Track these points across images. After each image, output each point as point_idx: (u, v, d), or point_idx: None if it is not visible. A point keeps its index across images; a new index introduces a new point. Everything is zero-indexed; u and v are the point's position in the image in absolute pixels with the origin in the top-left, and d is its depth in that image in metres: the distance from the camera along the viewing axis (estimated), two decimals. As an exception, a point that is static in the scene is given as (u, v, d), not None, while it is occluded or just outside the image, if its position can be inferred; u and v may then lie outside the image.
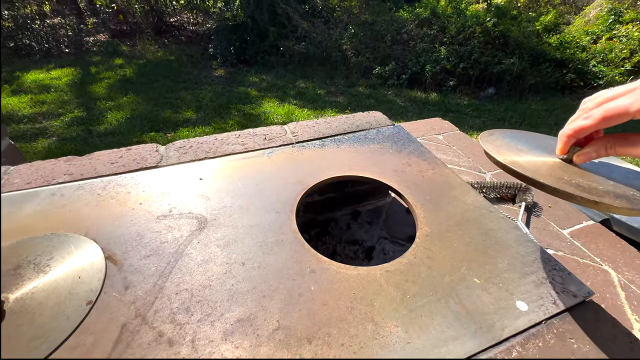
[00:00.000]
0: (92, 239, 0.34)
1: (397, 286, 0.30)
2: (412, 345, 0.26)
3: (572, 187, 0.26)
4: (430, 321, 0.28)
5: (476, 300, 0.29)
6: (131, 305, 0.28)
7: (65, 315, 0.27)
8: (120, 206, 0.38)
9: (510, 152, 0.31)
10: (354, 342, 0.26)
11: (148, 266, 0.31)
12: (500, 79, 4.50)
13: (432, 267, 0.32)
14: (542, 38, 5.34)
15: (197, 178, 0.44)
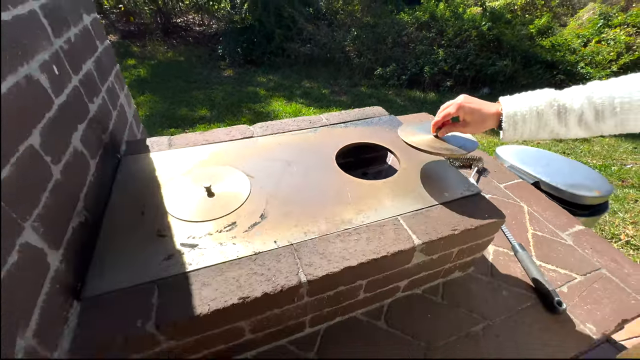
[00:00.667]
0: (238, 169, 0.69)
1: (389, 188, 0.66)
2: (395, 205, 0.62)
3: (432, 148, 0.62)
4: (404, 199, 0.63)
5: (424, 192, 0.65)
6: (265, 195, 0.63)
7: (237, 198, 0.62)
8: (244, 155, 0.74)
9: (410, 135, 0.67)
10: (371, 206, 0.61)
11: (267, 180, 0.67)
12: (494, 80, 4.88)
13: (406, 181, 0.68)
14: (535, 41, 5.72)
15: (277, 143, 0.79)
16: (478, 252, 0.68)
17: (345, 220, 0.59)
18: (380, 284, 0.60)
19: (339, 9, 5.87)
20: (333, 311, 0.60)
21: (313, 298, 0.53)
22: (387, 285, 0.62)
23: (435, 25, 5.68)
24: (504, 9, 5.91)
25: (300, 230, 0.56)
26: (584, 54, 5.10)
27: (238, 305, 0.45)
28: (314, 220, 0.58)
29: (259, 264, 0.50)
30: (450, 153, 0.62)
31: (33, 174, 0.44)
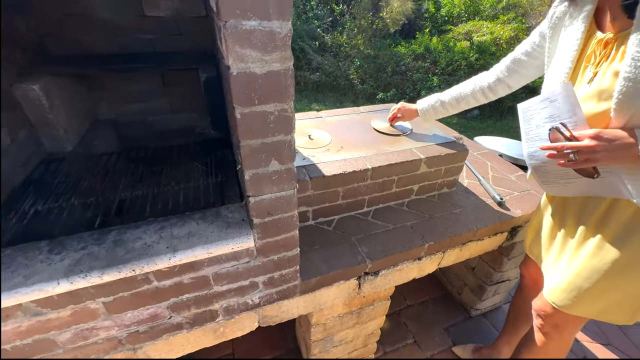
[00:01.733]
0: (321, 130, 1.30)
1: (405, 138, 1.27)
2: (410, 144, 1.22)
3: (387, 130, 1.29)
4: (415, 143, 1.24)
5: (426, 140, 1.26)
6: (340, 140, 1.23)
7: (326, 140, 1.22)
8: (321, 125, 1.35)
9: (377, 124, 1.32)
10: (396, 145, 1.21)
11: (340, 134, 1.27)
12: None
13: (415, 136, 1.29)
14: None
15: (338, 120, 1.41)
16: (457, 173, 1.27)
17: (383, 149, 1.18)
18: (404, 182, 1.18)
19: (343, 43, 6.84)
20: (379, 197, 1.18)
21: (371, 182, 1.11)
22: (408, 186, 1.20)
23: (430, 56, 6.63)
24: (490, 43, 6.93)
25: (362, 152, 1.16)
26: (561, 80, 6.00)
27: (339, 175, 1.03)
28: (368, 149, 1.18)
29: (347, 161, 1.09)
30: (397, 133, 1.26)
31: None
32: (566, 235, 0.87)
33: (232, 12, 0.45)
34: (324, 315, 1.08)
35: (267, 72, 0.53)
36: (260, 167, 0.63)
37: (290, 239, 0.78)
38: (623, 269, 0.74)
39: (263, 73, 0.52)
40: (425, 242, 1.06)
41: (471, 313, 1.69)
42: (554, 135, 0.68)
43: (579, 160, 0.65)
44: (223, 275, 0.77)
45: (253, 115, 0.56)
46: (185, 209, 0.81)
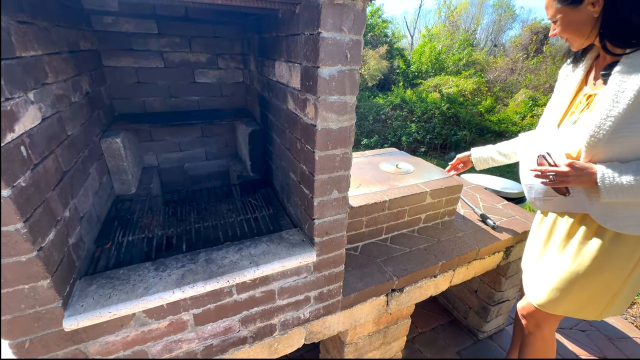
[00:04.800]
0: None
1: (410, 175, 1.53)
2: (415, 180, 1.47)
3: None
4: (419, 178, 1.50)
5: (428, 176, 1.52)
6: (358, 178, 1.47)
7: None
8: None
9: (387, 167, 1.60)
10: (404, 181, 1.47)
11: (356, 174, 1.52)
12: (458, 146, 6.30)
13: (418, 172, 1.56)
14: (485, 117, 7.47)
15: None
16: (455, 203, 1.53)
17: (394, 185, 1.43)
18: (414, 211, 1.41)
19: (328, 95, 7.48)
20: (394, 225, 1.39)
21: (388, 211, 1.33)
22: (417, 215, 1.43)
23: (406, 106, 7.38)
24: (457, 94, 7.87)
25: (377, 187, 1.40)
26: (523, 125, 6.80)
27: (364, 206, 1.25)
28: (382, 185, 1.42)
29: (367, 195, 1.32)
30: (403, 172, 1.54)
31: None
32: (545, 247, 1.10)
33: (323, 91, 0.71)
34: (357, 333, 1.21)
35: (339, 127, 0.77)
36: (325, 195, 0.84)
37: (339, 256, 0.96)
38: (592, 273, 0.95)
39: (336, 128, 0.77)
40: (439, 260, 1.26)
41: (478, 336, 1.82)
42: (540, 161, 0.95)
43: (556, 180, 0.90)
44: (286, 289, 0.92)
45: (326, 157, 0.79)
46: (251, 234, 0.98)
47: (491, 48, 26.19)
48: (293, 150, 0.94)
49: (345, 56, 0.69)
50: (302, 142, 0.84)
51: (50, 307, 0.64)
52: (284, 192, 1.12)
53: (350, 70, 0.72)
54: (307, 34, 0.71)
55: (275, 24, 0.91)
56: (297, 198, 0.97)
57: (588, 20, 0.83)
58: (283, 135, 1.02)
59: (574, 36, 0.89)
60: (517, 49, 17.46)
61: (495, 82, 13.21)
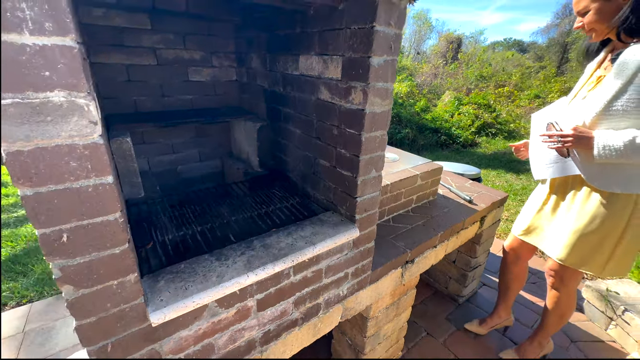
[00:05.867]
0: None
1: (401, 162, 1.70)
2: (405, 165, 1.65)
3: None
4: (408, 164, 1.67)
5: (415, 162, 1.71)
6: None
7: None
8: None
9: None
10: (396, 167, 1.63)
11: None
12: (403, 142, 6.86)
13: (407, 160, 1.74)
14: (421, 115, 8.25)
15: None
16: (437, 184, 1.75)
17: (389, 171, 1.58)
18: (408, 193, 1.58)
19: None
20: (394, 207, 1.54)
21: (389, 194, 1.48)
22: (410, 196, 1.61)
23: (353, 108, 7.72)
24: (395, 97, 8.57)
25: None
26: (453, 122, 7.71)
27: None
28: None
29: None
30: (391, 161, 1.73)
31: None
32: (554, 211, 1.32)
33: (373, 78, 0.80)
34: (378, 307, 1.32)
35: (382, 111, 0.87)
36: (366, 174, 0.93)
37: (373, 232, 1.06)
38: (591, 227, 1.16)
39: (380, 112, 0.87)
40: (437, 232, 1.45)
41: (459, 301, 2.08)
42: (549, 127, 1.17)
43: (562, 141, 1.10)
44: (332, 267, 0.98)
45: (370, 138, 0.88)
46: (288, 222, 1.02)
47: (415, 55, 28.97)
48: (326, 138, 1.01)
49: (390, 47, 0.81)
50: (343, 127, 0.92)
51: (135, 303, 0.61)
52: (306, 181, 1.17)
53: (393, 60, 0.83)
54: (355, 28, 0.80)
55: (303, 20, 0.98)
56: (330, 182, 1.04)
57: (616, 12, 0.99)
58: (309, 125, 1.08)
59: (602, 26, 1.04)
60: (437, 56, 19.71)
61: (423, 86, 14.68)
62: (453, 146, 7.01)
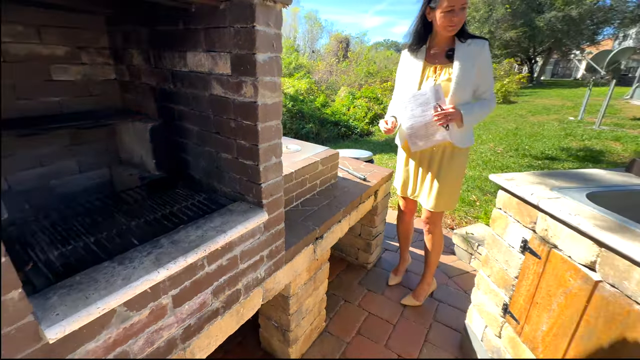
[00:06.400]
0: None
1: (303, 152, 1.85)
2: (307, 154, 1.80)
3: None
4: (312, 153, 1.83)
5: (316, 151, 1.88)
6: None
7: None
8: None
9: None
10: (296, 157, 1.77)
11: None
12: (308, 137, 7.22)
13: (313, 149, 1.89)
14: (322, 110, 8.76)
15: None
16: (336, 169, 1.97)
17: (293, 160, 1.71)
18: (312, 179, 1.74)
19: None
20: (301, 192, 1.68)
21: (295, 181, 1.61)
22: (314, 181, 1.77)
23: (256, 106, 7.70)
24: (296, 93, 8.89)
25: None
26: (350, 114, 8.47)
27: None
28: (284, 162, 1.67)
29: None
30: (294, 151, 1.91)
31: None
32: (425, 173, 1.72)
33: (261, 73, 0.89)
34: (297, 284, 1.44)
35: (273, 102, 0.97)
36: (267, 161, 1.02)
37: (281, 214, 1.16)
38: (449, 177, 1.64)
39: (271, 103, 0.96)
40: (340, 208, 1.65)
41: (368, 267, 2.40)
42: (436, 108, 1.46)
43: (447, 118, 1.42)
44: (246, 252, 1.04)
45: (266, 128, 0.97)
46: (197, 217, 1.02)
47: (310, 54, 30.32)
48: (225, 131, 1.05)
49: (272, 45, 0.90)
50: (239, 120, 0.98)
51: (22, 323, 0.55)
52: (211, 176, 1.19)
53: (276, 57, 0.93)
54: (238, 27, 0.87)
55: (185, 17, 0.99)
56: (234, 173, 1.09)
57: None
58: (206, 121, 1.10)
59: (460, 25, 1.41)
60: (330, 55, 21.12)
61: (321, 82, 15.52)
62: (352, 136, 7.73)
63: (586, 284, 0.97)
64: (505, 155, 5.12)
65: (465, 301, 2.07)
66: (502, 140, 6.08)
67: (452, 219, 3.11)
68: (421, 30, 1.53)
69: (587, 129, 6.63)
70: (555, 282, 1.09)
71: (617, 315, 0.89)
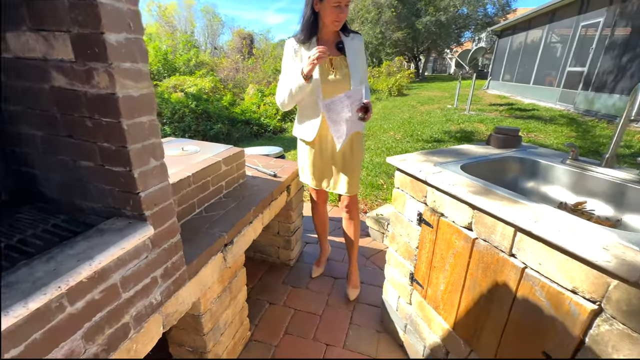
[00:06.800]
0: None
1: (203, 153, 1.67)
2: (208, 155, 1.64)
3: None
4: (215, 151, 1.67)
5: (219, 150, 1.72)
6: None
7: None
8: None
9: None
10: (195, 159, 1.59)
11: None
12: (218, 138, 6.79)
13: (211, 149, 1.72)
14: (230, 109, 8.36)
15: None
16: (243, 167, 1.85)
17: (191, 162, 1.53)
18: (216, 180, 1.59)
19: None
20: (203, 198, 1.52)
21: (194, 186, 1.44)
22: (219, 183, 1.62)
23: (152, 108, 6.86)
24: (200, 92, 8.23)
25: (175, 168, 1.44)
26: (260, 112, 8.28)
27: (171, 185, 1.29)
28: (179, 165, 1.48)
29: (172, 175, 1.34)
30: (191, 153, 1.75)
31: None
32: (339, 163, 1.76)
33: (116, 58, 0.72)
34: (208, 298, 1.29)
35: (140, 94, 0.81)
36: (144, 165, 0.85)
37: (173, 225, 1.00)
38: (355, 162, 1.74)
39: (137, 95, 0.80)
40: (250, 209, 1.56)
41: (291, 264, 2.37)
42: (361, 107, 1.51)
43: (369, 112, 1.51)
44: (129, 277, 0.86)
45: (135, 125, 0.80)
46: (52, 245, 0.79)
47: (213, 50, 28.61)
48: (80, 134, 0.84)
49: (129, 25, 0.74)
50: (97, 117, 0.79)
51: None
52: (72, 191, 0.94)
53: (137, 39, 0.77)
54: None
55: (-6, -16, 0.74)
56: (103, 185, 0.89)
57: None
58: (52, 122, 0.86)
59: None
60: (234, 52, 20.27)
61: (227, 80, 14.83)
62: (265, 134, 7.59)
63: (467, 243, 1.12)
64: (403, 141, 5.76)
65: (382, 278, 2.23)
66: (400, 128, 6.83)
67: (365, 203, 3.32)
68: (313, 21, 1.54)
69: (461, 115, 7.98)
70: (445, 246, 1.23)
71: (490, 264, 1.04)
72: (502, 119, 7.45)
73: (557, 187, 1.35)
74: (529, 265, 0.92)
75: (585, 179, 1.25)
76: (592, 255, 0.73)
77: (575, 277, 0.80)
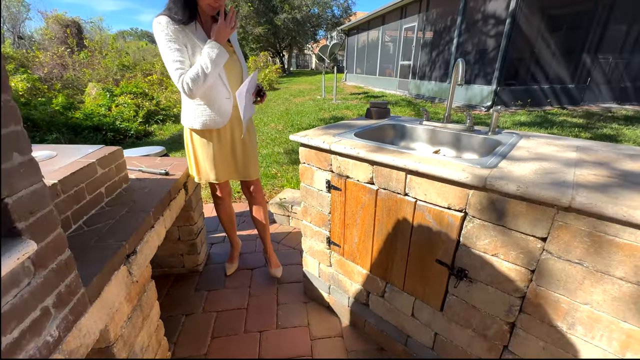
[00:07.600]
0: None
1: (67, 158, 1.31)
2: (80, 152, 1.30)
3: None
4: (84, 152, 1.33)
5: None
6: None
7: None
8: None
9: None
10: (63, 163, 1.25)
11: None
12: (58, 151, 5.32)
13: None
14: (68, 115, 6.70)
15: None
16: (124, 169, 1.56)
17: (49, 169, 1.19)
18: (93, 187, 1.30)
19: None
20: (80, 209, 1.22)
21: (65, 196, 1.14)
22: (97, 190, 1.33)
23: None
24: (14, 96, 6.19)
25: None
26: (113, 115, 6.94)
27: None
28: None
29: None
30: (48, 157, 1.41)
31: None
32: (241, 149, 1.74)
33: None
34: (118, 323, 1.07)
35: (-16, 64, 0.59)
36: (6, 161, 0.64)
37: (59, 237, 0.79)
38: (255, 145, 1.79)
39: (-20, 65, 0.58)
40: (149, 211, 1.35)
41: (200, 270, 2.18)
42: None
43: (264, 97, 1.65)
44: (9, 314, 0.64)
45: (-17, 106, 0.59)
46: None
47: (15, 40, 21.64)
48: None
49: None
50: None
51: None
52: None
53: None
54: None
55: None
56: None
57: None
58: None
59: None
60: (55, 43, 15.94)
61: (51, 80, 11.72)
62: (126, 140, 6.43)
63: (371, 195, 1.34)
64: (285, 132, 5.98)
65: (297, 256, 2.34)
66: (280, 120, 7.05)
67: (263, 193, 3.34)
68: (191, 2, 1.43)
69: (331, 104, 8.88)
70: (354, 203, 1.42)
71: (391, 206, 1.28)
72: (363, 105, 8.73)
73: (420, 143, 1.75)
74: (418, 199, 1.19)
75: (437, 133, 1.68)
76: (457, 176, 1.02)
77: (449, 196, 1.09)
